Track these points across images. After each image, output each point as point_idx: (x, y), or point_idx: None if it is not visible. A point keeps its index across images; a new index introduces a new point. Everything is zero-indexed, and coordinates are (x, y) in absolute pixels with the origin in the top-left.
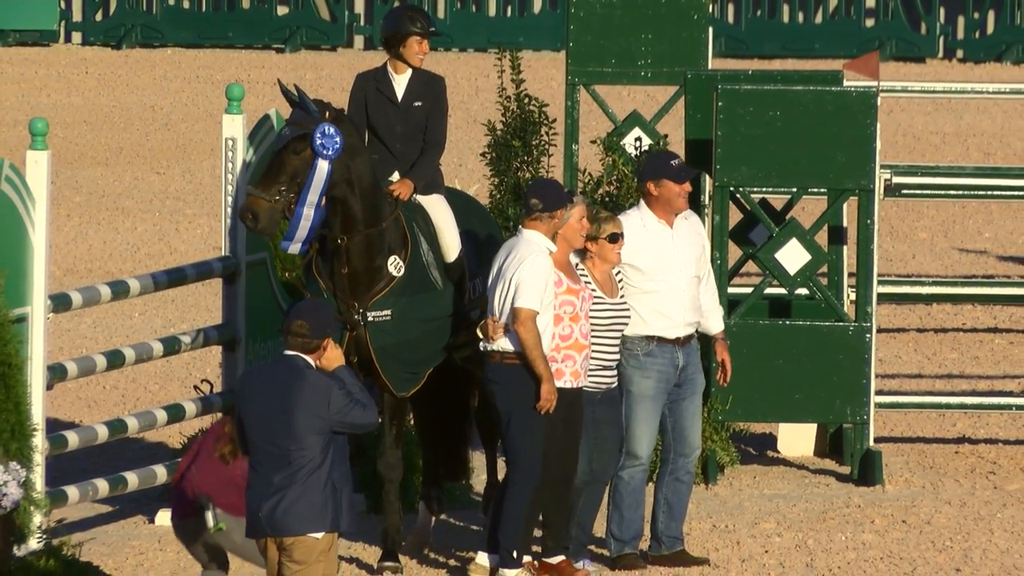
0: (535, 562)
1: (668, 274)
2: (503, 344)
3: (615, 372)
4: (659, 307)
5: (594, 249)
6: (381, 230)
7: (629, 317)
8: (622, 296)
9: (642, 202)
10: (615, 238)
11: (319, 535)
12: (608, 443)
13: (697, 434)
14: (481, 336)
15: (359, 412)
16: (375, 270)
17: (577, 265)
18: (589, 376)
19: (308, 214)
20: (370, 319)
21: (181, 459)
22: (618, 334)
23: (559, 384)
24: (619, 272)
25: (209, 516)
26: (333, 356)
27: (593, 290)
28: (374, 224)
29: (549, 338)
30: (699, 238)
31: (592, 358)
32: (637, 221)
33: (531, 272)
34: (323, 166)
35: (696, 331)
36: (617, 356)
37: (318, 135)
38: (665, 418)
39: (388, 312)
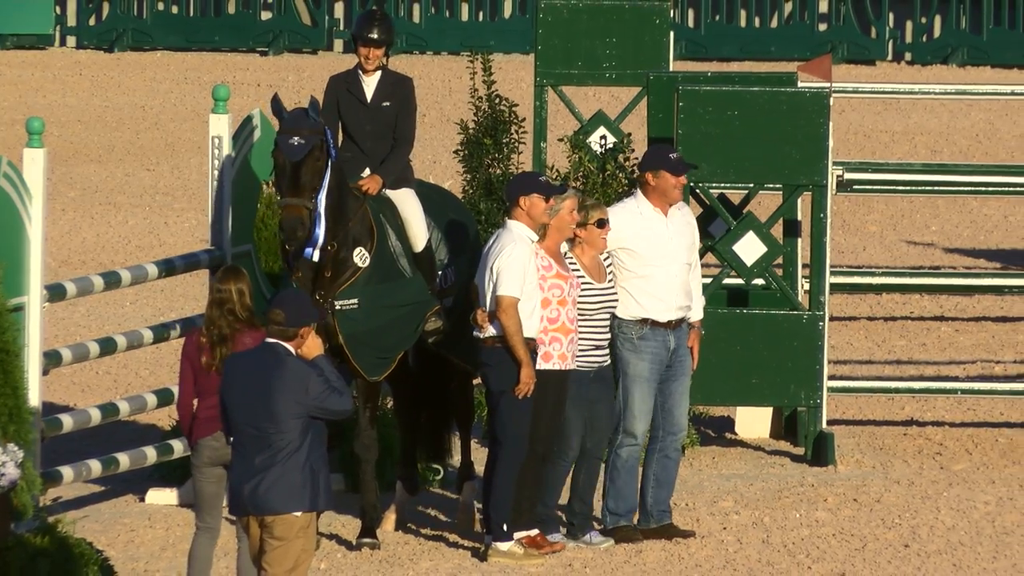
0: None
1: (662, 259)
2: (493, 330)
3: (607, 351)
4: (653, 291)
5: (583, 235)
6: (347, 229)
7: (617, 300)
8: (610, 281)
9: (638, 191)
10: (602, 223)
11: (298, 513)
12: (602, 421)
13: (684, 413)
14: (474, 326)
15: (335, 399)
16: (340, 262)
17: (566, 254)
18: (583, 355)
19: (319, 219)
20: (338, 308)
21: (180, 387)
22: (607, 316)
23: (548, 366)
24: (608, 258)
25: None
26: (313, 345)
27: (581, 276)
28: (341, 223)
29: (537, 320)
30: (690, 228)
31: (584, 339)
32: (634, 208)
33: (509, 260)
34: (329, 170)
35: (686, 316)
36: (608, 336)
37: (330, 142)
38: (655, 399)
39: (355, 301)
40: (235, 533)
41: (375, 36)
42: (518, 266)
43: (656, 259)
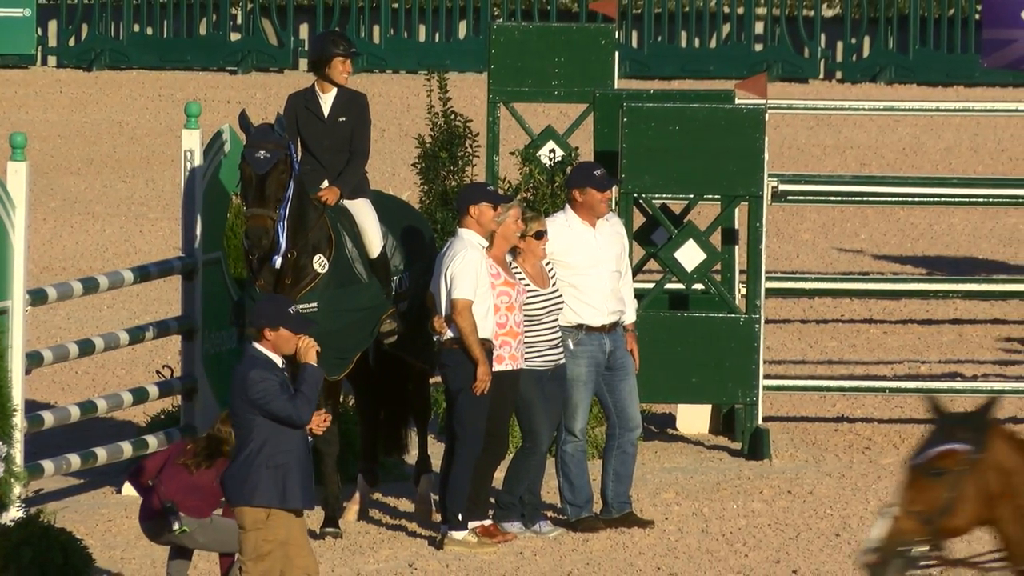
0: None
1: (592, 268)
2: (450, 333)
3: (560, 350)
4: (584, 298)
5: (523, 246)
6: (307, 237)
7: (563, 303)
8: (554, 285)
9: (568, 206)
10: (540, 235)
11: (249, 507)
12: (555, 417)
13: (636, 410)
14: (433, 332)
15: (280, 405)
16: (300, 268)
17: (511, 263)
18: (539, 356)
19: (282, 228)
20: (299, 311)
21: (149, 463)
22: (555, 317)
23: (501, 368)
24: (550, 264)
25: (175, 521)
26: (302, 351)
27: (527, 284)
28: (302, 232)
29: (492, 322)
30: (619, 237)
31: (537, 341)
32: (563, 222)
33: (462, 265)
34: (292, 182)
35: (620, 320)
36: (558, 335)
37: (293, 156)
38: (606, 400)
39: (315, 304)
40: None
41: (352, 49)
42: (470, 270)
43: (586, 268)
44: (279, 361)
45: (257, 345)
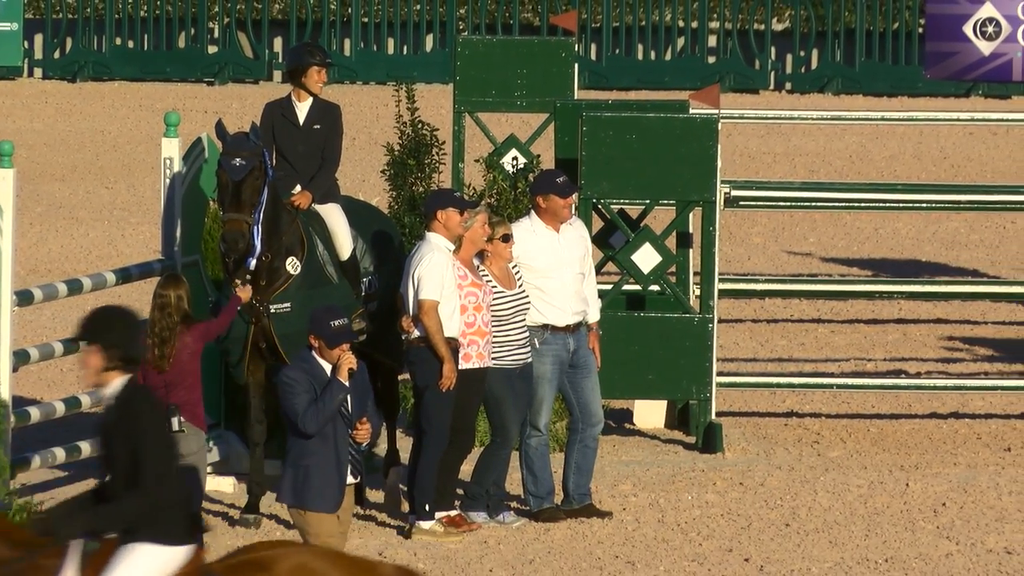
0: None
1: (556, 271)
2: (418, 332)
3: (528, 349)
4: (550, 299)
5: (490, 249)
6: (280, 240)
7: (529, 304)
8: (521, 287)
9: (532, 212)
10: (507, 239)
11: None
12: (522, 414)
13: (598, 406)
14: (401, 331)
15: (292, 405)
16: (274, 270)
17: (478, 266)
18: (508, 355)
19: (257, 231)
20: (273, 311)
21: None
22: (523, 317)
23: (468, 366)
24: (516, 267)
25: (175, 421)
26: (340, 363)
27: (494, 286)
28: (275, 235)
29: (457, 322)
30: (582, 240)
31: (507, 341)
32: (528, 227)
33: (428, 267)
34: (266, 188)
35: (584, 319)
36: (526, 335)
37: (268, 162)
38: (570, 396)
39: (288, 304)
40: None
41: (327, 59)
42: (437, 272)
43: (550, 271)
44: (327, 367)
45: (311, 351)
